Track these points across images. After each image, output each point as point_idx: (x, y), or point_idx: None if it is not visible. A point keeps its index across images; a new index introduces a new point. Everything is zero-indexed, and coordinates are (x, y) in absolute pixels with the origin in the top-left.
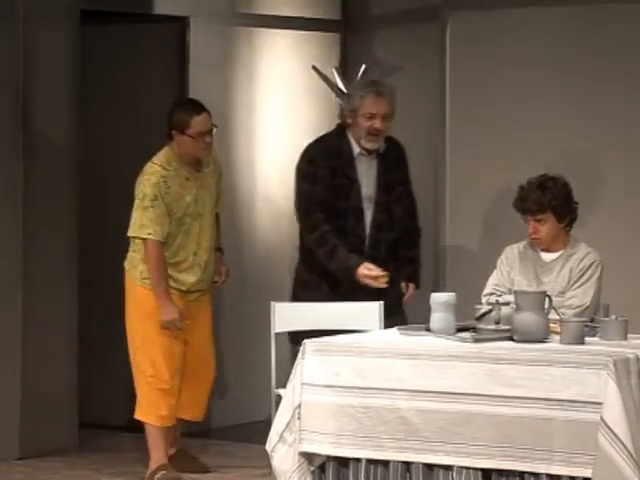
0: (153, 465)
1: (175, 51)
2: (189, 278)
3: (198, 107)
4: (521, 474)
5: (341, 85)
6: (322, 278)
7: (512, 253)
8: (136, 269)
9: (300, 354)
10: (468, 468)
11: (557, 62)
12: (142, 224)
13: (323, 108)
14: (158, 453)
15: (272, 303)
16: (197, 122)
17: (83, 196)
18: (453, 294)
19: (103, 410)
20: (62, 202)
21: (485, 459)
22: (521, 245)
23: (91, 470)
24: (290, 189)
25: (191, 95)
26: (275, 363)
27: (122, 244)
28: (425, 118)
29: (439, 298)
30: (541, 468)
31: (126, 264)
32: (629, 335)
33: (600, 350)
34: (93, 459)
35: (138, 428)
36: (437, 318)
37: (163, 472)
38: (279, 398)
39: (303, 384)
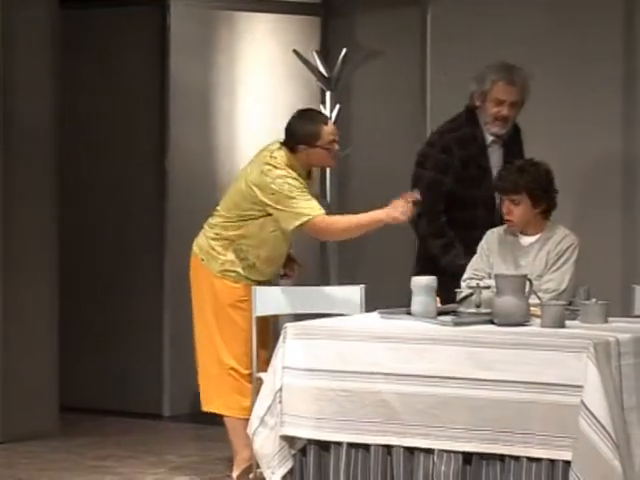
0: (242, 464)
1: (155, 35)
2: (269, 272)
3: (322, 115)
4: (501, 457)
5: (322, 69)
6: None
7: (492, 237)
8: (216, 261)
9: (281, 338)
10: (449, 451)
11: (538, 46)
12: (298, 213)
13: (304, 92)
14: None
15: (253, 287)
16: (326, 132)
17: (64, 181)
18: (434, 277)
19: (85, 394)
20: (43, 187)
21: (465, 442)
22: (501, 229)
23: (73, 454)
24: None
25: (172, 79)
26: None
27: (105, 229)
28: (406, 102)
29: (420, 282)
30: (521, 451)
31: (198, 249)
32: (609, 318)
33: (580, 333)
34: (75, 443)
35: (121, 412)
36: (418, 302)
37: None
38: (260, 382)
39: (284, 368)
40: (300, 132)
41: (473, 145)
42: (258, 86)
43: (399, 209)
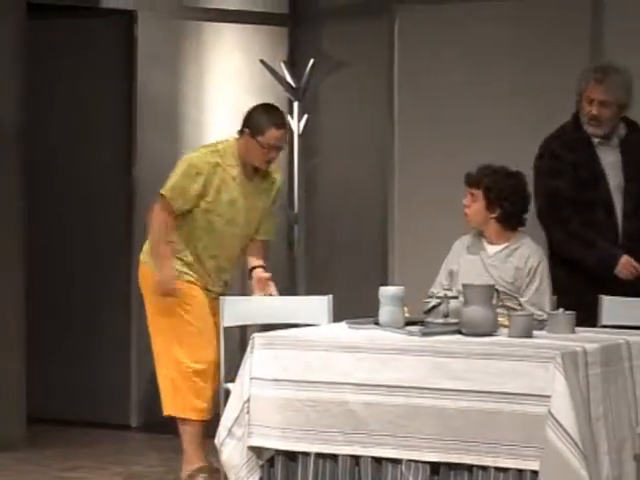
0: (189, 466)
1: (123, 45)
2: (193, 274)
3: (281, 120)
4: (469, 467)
5: (289, 79)
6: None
7: (461, 244)
8: None
9: (249, 348)
10: (416, 461)
11: (506, 56)
12: (173, 186)
13: (271, 102)
14: (196, 454)
15: (221, 297)
16: (272, 135)
17: (30, 194)
18: (401, 287)
19: (53, 405)
20: (9, 194)
21: (433, 452)
22: (470, 236)
23: (40, 466)
24: None
25: (139, 90)
26: (224, 357)
27: (72, 240)
28: (373, 112)
29: (387, 292)
30: (489, 461)
31: (142, 254)
32: (577, 328)
33: (548, 343)
34: (43, 454)
35: (88, 423)
36: (385, 311)
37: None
38: (228, 392)
39: (252, 378)
40: (252, 118)
41: (581, 148)
42: (225, 96)
43: (165, 284)
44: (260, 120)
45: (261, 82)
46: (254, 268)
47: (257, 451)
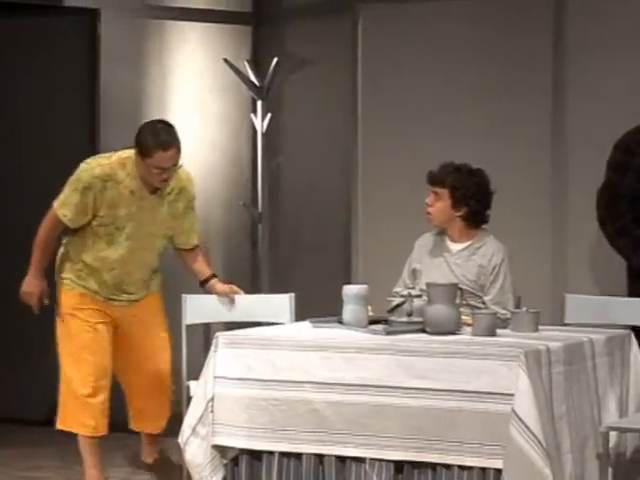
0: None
1: (86, 43)
2: (92, 285)
3: (168, 141)
4: (433, 466)
5: (253, 78)
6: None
7: (423, 242)
8: (56, 273)
9: (213, 347)
10: (380, 460)
11: (470, 53)
12: (63, 200)
13: (235, 101)
14: (92, 470)
15: (183, 295)
16: (160, 157)
17: None
18: (365, 286)
19: (12, 404)
20: None
21: (396, 451)
22: (431, 234)
23: (3, 466)
24: (200, 182)
25: (102, 88)
26: (186, 355)
27: (29, 238)
28: (337, 111)
29: (350, 290)
30: (452, 460)
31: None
32: (540, 327)
33: (511, 342)
34: (5, 454)
35: (49, 421)
36: (349, 310)
37: None
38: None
39: (216, 377)
40: (139, 138)
41: None
42: (189, 95)
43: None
44: (146, 141)
45: (224, 81)
46: (207, 280)
47: (221, 450)
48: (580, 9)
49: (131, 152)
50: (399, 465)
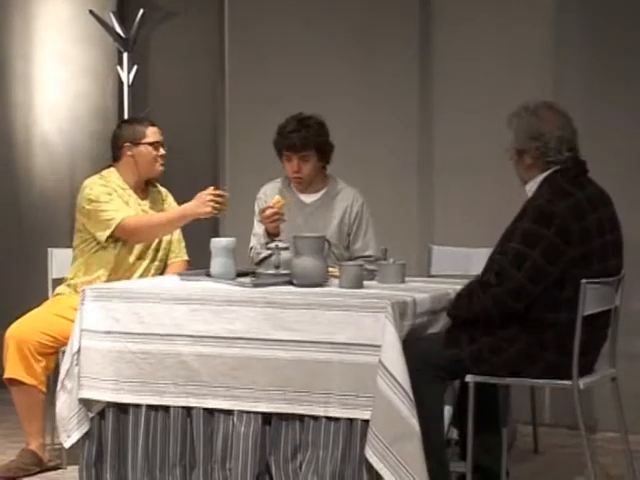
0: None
1: None
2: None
3: (146, 119)
4: (300, 417)
5: (119, 30)
6: None
7: (271, 192)
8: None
9: (80, 300)
10: (248, 412)
11: (338, 22)
12: (107, 220)
13: (101, 53)
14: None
15: (49, 249)
16: (152, 132)
17: None
18: (233, 239)
19: None
20: None
21: (264, 403)
22: (279, 185)
23: None
24: (68, 135)
25: None
26: None
27: None
28: (204, 64)
29: (219, 243)
30: (319, 411)
31: (62, 288)
32: (406, 278)
33: (378, 293)
34: None
35: None
36: (217, 263)
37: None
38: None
39: (82, 330)
40: (124, 132)
41: None
42: (54, 47)
43: (202, 202)
44: (133, 128)
45: (90, 33)
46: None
47: (87, 403)
48: (445, 14)
49: (108, 170)
50: (267, 417)
